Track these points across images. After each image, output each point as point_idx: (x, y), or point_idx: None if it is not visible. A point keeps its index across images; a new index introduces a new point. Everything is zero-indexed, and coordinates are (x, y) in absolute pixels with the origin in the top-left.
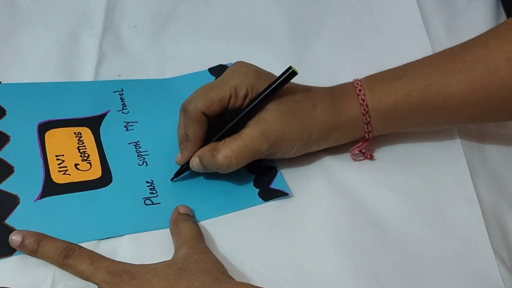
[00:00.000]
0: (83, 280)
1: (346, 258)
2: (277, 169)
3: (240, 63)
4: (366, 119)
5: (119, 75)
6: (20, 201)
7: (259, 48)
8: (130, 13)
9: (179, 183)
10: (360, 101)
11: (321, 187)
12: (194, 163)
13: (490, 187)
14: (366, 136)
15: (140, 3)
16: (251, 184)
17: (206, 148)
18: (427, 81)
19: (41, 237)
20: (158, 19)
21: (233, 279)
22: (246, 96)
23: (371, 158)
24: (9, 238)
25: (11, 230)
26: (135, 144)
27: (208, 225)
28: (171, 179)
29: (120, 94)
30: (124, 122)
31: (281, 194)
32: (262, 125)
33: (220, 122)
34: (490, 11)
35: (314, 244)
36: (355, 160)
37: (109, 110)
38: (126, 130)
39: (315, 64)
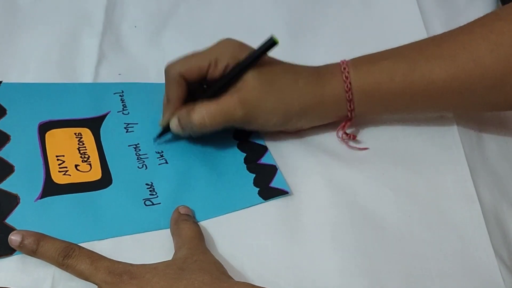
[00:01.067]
0: (83, 280)
1: (346, 257)
2: (277, 167)
3: (227, 39)
4: (349, 96)
5: (119, 74)
6: (20, 200)
7: None
8: (130, 13)
9: (179, 184)
10: (344, 78)
11: (321, 187)
12: (173, 123)
13: (490, 187)
14: (349, 115)
15: (140, 3)
16: (251, 183)
17: (183, 107)
18: (411, 65)
19: (40, 237)
20: (158, 19)
21: (233, 279)
22: (226, 66)
23: (354, 138)
24: (9, 238)
25: (11, 229)
26: (134, 146)
27: (209, 225)
28: (154, 140)
29: (120, 96)
30: (125, 123)
31: (281, 192)
32: (240, 92)
33: (202, 90)
34: (490, 11)
35: (314, 243)
36: (343, 140)
37: (110, 111)
38: (126, 131)
39: (314, 65)
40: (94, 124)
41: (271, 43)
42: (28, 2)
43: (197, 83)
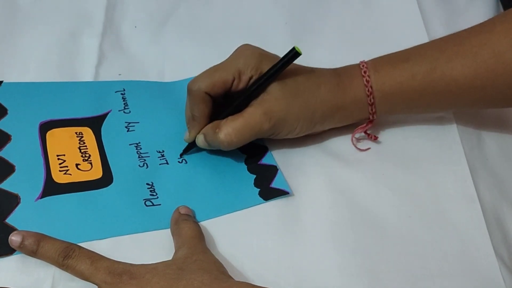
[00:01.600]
0: (83, 281)
1: (346, 258)
2: (278, 168)
3: (245, 46)
4: (370, 100)
5: (119, 74)
6: (21, 200)
7: None
8: (130, 13)
9: (179, 184)
10: (365, 82)
11: (321, 187)
12: (199, 140)
13: (490, 187)
14: (371, 117)
15: (140, 3)
16: (252, 183)
17: (209, 125)
18: (432, 64)
19: (40, 238)
20: (158, 19)
21: (233, 279)
22: (250, 78)
23: (375, 139)
24: (9, 239)
25: (11, 229)
26: (136, 145)
27: (209, 225)
28: (180, 155)
29: (122, 94)
30: (126, 122)
31: (281, 193)
32: (265, 104)
33: (227, 101)
34: (490, 11)
35: (314, 243)
36: (355, 144)
37: (111, 110)
38: (128, 130)
39: (314, 65)
40: (95, 123)
41: (294, 54)
42: (28, 2)
43: (221, 97)
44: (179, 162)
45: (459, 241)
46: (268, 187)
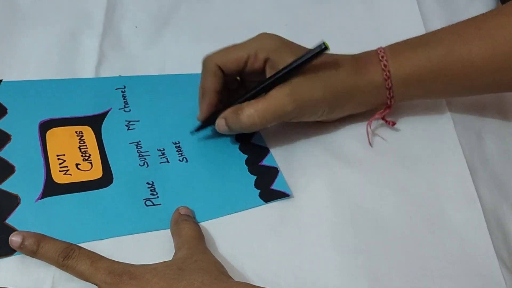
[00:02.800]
0: (83, 281)
1: (347, 258)
2: (278, 169)
3: (265, 33)
4: (388, 85)
5: (119, 75)
6: (21, 201)
7: None
8: (130, 13)
9: (179, 184)
10: (383, 67)
11: (321, 187)
12: (220, 124)
13: (490, 187)
14: (388, 102)
15: (140, 3)
16: (252, 185)
17: (230, 109)
18: (449, 47)
19: (41, 238)
20: (158, 19)
21: (233, 279)
22: (266, 60)
23: (394, 124)
24: (9, 239)
25: (11, 230)
26: (136, 144)
27: (209, 226)
28: (192, 133)
29: (122, 92)
30: (126, 121)
31: (282, 195)
32: (289, 86)
33: (242, 90)
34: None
35: (314, 244)
36: (371, 132)
37: (111, 108)
38: (128, 129)
39: None
40: (95, 122)
41: (323, 48)
42: (28, 2)
43: (234, 75)
44: (179, 160)
45: (460, 241)
46: (268, 188)
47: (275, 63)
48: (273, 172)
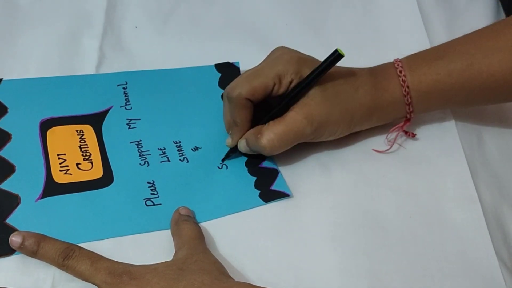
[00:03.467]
0: (83, 281)
1: (347, 258)
2: (278, 170)
3: (282, 49)
4: (407, 100)
5: None
6: (21, 200)
7: (260, 49)
8: (130, 13)
9: (180, 184)
10: (401, 82)
11: (321, 187)
12: (242, 145)
13: (491, 187)
14: (408, 116)
15: (140, 3)
16: (252, 185)
17: (251, 131)
18: (469, 60)
19: (41, 238)
20: (158, 19)
21: (233, 279)
22: (290, 82)
23: (413, 136)
24: (9, 239)
25: (11, 229)
26: (137, 143)
27: (209, 226)
28: (222, 160)
29: (124, 88)
30: (127, 119)
31: (282, 195)
32: (306, 109)
33: (266, 106)
34: (490, 11)
35: (314, 244)
36: (388, 144)
37: (112, 106)
38: (129, 128)
39: None
40: (96, 120)
41: (337, 56)
42: (28, 2)
43: (261, 102)
44: (180, 160)
45: (460, 241)
46: (268, 189)
47: (298, 83)
48: (273, 173)
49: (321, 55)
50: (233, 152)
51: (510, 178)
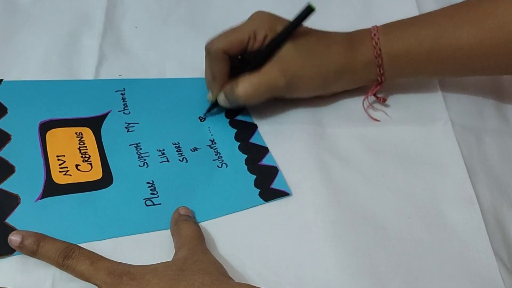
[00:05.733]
0: (83, 281)
1: (347, 258)
2: (278, 169)
3: (259, 12)
4: (378, 62)
5: (119, 75)
6: (21, 201)
7: None
8: (130, 13)
9: (179, 184)
10: (374, 44)
11: (321, 187)
12: (221, 98)
13: (490, 188)
14: (379, 79)
15: (140, 3)
16: (252, 184)
17: (228, 83)
18: (440, 31)
19: (40, 238)
20: (158, 19)
21: (233, 280)
22: (265, 37)
23: (384, 101)
24: (8, 238)
25: (11, 229)
26: (135, 145)
27: (209, 225)
28: (204, 114)
29: (122, 94)
30: (125, 123)
31: (282, 194)
32: (280, 61)
33: (242, 63)
34: None
35: (314, 244)
36: (368, 108)
37: (111, 111)
38: (127, 131)
39: None
40: (95, 123)
41: (308, 10)
42: (28, 2)
43: (237, 55)
44: (179, 160)
45: (458, 242)
46: (268, 188)
47: (272, 39)
48: (273, 171)
49: None
50: (215, 106)
51: (509, 178)
